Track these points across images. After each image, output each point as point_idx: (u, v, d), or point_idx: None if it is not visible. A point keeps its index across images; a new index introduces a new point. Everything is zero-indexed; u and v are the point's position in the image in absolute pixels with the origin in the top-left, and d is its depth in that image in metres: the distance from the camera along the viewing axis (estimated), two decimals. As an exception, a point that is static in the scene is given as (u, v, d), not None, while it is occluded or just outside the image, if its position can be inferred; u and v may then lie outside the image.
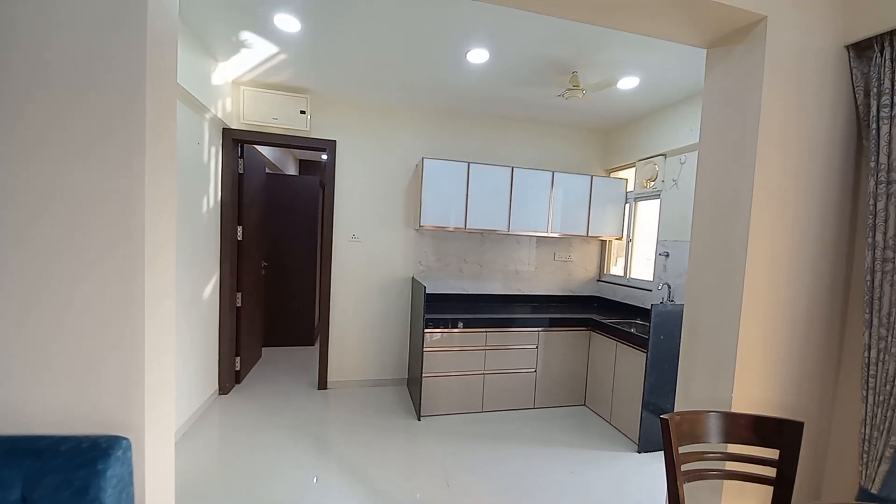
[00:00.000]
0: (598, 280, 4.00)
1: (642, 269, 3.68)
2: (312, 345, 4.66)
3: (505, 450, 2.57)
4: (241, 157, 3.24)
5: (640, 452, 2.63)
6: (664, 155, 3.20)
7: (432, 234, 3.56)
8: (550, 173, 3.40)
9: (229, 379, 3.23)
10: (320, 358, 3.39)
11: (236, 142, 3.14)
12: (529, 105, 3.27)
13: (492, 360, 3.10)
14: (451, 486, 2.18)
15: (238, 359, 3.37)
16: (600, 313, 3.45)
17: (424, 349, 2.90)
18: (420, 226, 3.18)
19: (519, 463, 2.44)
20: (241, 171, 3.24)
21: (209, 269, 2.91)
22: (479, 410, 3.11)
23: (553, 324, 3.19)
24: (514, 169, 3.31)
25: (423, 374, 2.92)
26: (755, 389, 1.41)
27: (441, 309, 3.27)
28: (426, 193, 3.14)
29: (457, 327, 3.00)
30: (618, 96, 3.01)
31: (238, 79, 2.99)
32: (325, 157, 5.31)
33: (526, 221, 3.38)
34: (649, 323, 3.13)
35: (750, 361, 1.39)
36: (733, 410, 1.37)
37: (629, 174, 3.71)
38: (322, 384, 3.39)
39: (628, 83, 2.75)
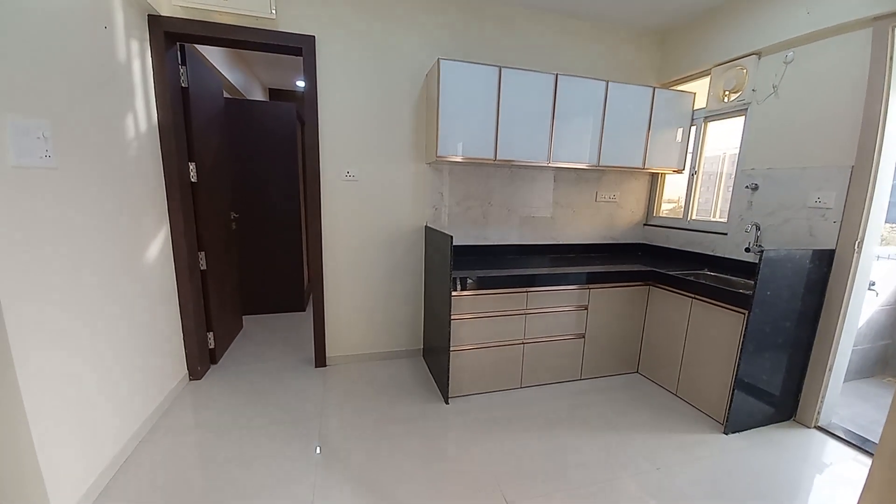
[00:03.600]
0: (646, 224, 3.33)
1: (703, 208, 3.01)
2: (304, 310, 3.97)
3: (565, 443, 2.01)
4: (184, 63, 2.31)
5: (727, 433, 2.12)
6: (758, 54, 2.40)
7: (449, 169, 2.77)
8: (604, 84, 2.58)
9: (202, 360, 2.55)
10: (315, 328, 2.71)
11: (172, 39, 2.20)
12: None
13: (533, 325, 2.47)
14: (508, 501, 1.61)
15: (211, 334, 2.67)
16: (652, 264, 2.82)
17: (452, 316, 2.24)
18: (435, 157, 2.38)
19: (587, 459, 1.88)
20: (185, 85, 2.32)
21: (150, 222, 2.11)
22: (517, 387, 2.53)
23: (604, 278, 2.55)
24: (559, 76, 2.48)
25: (451, 347, 2.28)
26: None
27: (465, 264, 2.58)
28: (444, 111, 2.31)
29: (492, 287, 2.32)
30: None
31: (161, -65, 2.00)
32: (301, 83, 4.30)
33: (569, 150, 2.61)
34: (725, 274, 2.55)
35: None
36: None
37: (696, 87, 2.91)
38: (320, 360, 2.75)
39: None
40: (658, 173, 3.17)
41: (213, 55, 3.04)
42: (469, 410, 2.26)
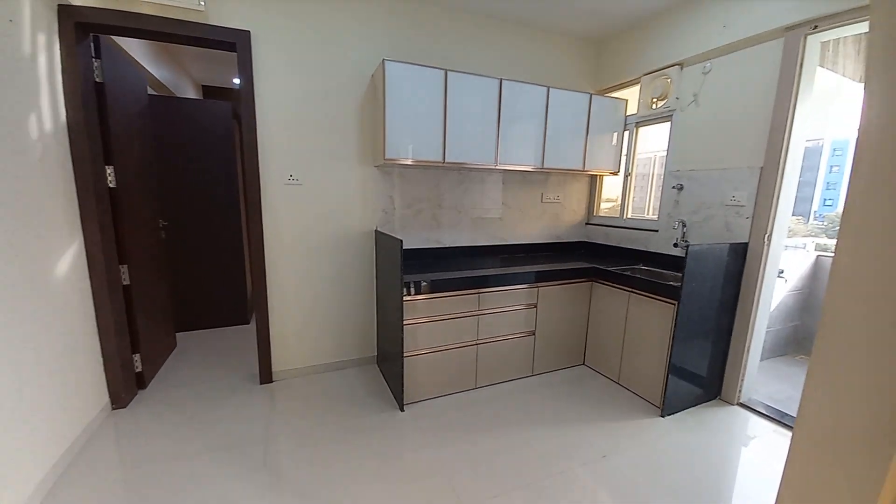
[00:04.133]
0: (587, 223, 3.51)
1: (637, 206, 3.23)
2: (248, 323, 3.74)
3: (520, 440, 2.05)
4: (98, 56, 2.08)
5: (664, 416, 2.27)
6: (680, 65, 2.62)
7: (398, 172, 2.74)
8: (545, 89, 2.68)
9: (126, 386, 2.30)
10: (259, 342, 2.55)
11: (84, 30, 1.98)
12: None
13: (486, 325, 2.50)
14: (466, 505, 1.61)
15: (137, 356, 2.42)
16: (593, 261, 2.97)
17: (404, 321, 2.21)
18: (383, 160, 2.34)
19: (541, 456, 1.93)
20: (99, 80, 2.09)
21: (59, 234, 1.87)
22: (472, 387, 2.55)
23: (550, 277, 2.64)
24: (503, 81, 2.54)
25: (405, 353, 2.25)
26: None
27: (416, 268, 2.56)
28: (390, 113, 2.28)
29: (444, 290, 2.32)
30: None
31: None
32: (238, 79, 4.04)
33: (515, 153, 2.69)
34: (658, 268, 2.75)
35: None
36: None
37: (628, 94, 3.12)
38: (265, 376, 2.59)
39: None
40: (596, 175, 3.35)
41: (136, 49, 2.77)
42: (424, 416, 2.24)
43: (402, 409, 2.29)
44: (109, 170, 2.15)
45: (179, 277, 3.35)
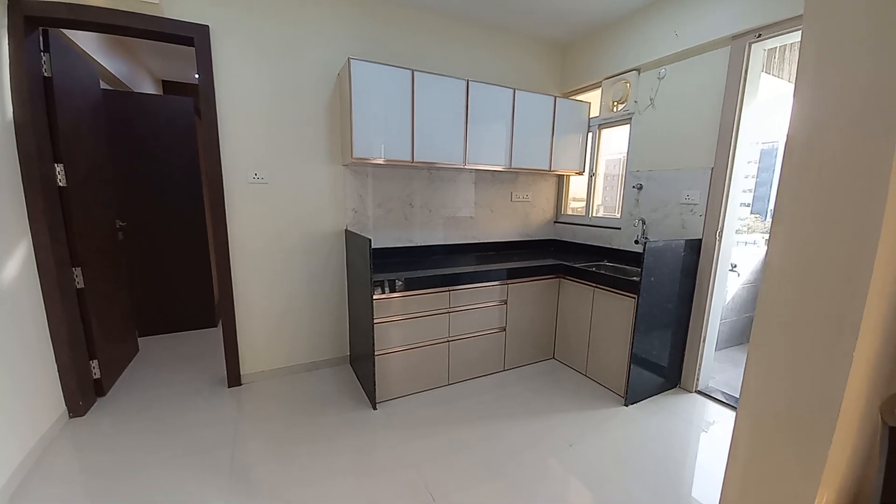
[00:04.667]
0: (556, 222, 3.61)
1: (603, 206, 3.36)
2: (216, 325, 3.63)
3: (490, 433, 2.10)
4: (46, 50, 1.98)
5: (627, 405, 2.38)
6: (638, 70, 2.75)
7: (367, 170, 2.73)
8: (511, 91, 2.75)
9: (84, 393, 2.20)
10: (226, 344, 2.50)
11: (32, 22, 1.87)
12: (487, -5, 2.50)
13: (457, 323, 2.54)
14: (436, 498, 1.64)
15: (95, 362, 2.32)
16: (562, 258, 3.07)
17: (375, 320, 2.21)
18: (351, 158, 2.34)
19: (511, 448, 1.99)
20: (47, 75, 1.99)
21: (4, 236, 1.76)
22: (445, 384, 2.58)
23: (520, 274, 2.71)
24: (470, 83, 2.58)
25: (376, 352, 2.25)
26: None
27: (388, 267, 2.56)
28: (357, 112, 2.28)
29: (415, 288, 2.34)
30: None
31: None
32: (199, 75, 3.91)
33: (483, 153, 2.74)
34: (621, 264, 2.87)
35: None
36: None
37: (591, 97, 3.23)
38: (233, 379, 2.53)
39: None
40: (563, 175, 3.46)
41: (88, 42, 2.64)
42: (397, 414, 2.26)
43: (374, 408, 2.30)
44: (59, 168, 2.05)
45: (140, 280, 3.22)
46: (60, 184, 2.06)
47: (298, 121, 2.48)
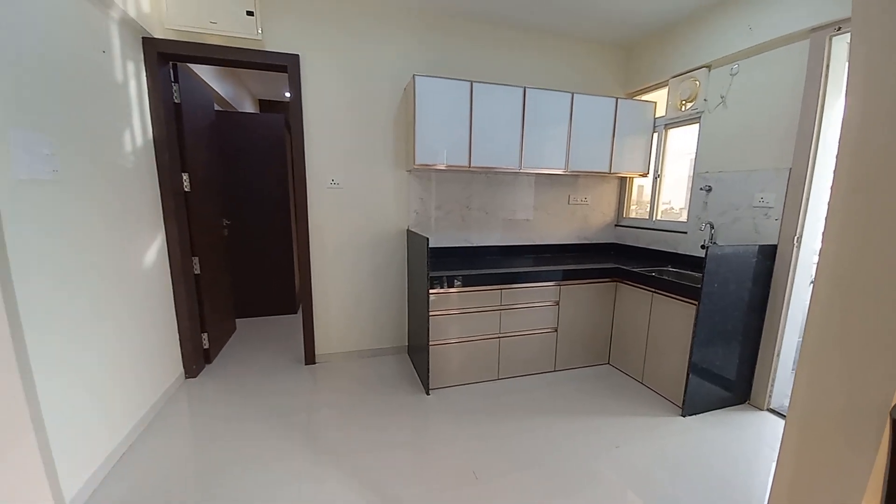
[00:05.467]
0: (617, 225, 3.53)
1: (667, 208, 3.22)
2: (295, 312, 4.13)
3: (535, 425, 2.18)
4: (176, 81, 2.48)
5: (685, 416, 2.30)
6: (708, 67, 2.62)
7: (429, 175, 2.95)
8: (569, 95, 2.78)
9: (196, 360, 2.69)
10: (304, 328, 2.87)
11: (164, 59, 2.37)
12: (542, 4, 2.58)
13: (508, 320, 2.65)
14: (479, 478, 1.78)
15: (205, 335, 2.81)
16: (622, 262, 3.01)
17: (430, 313, 2.41)
18: (414, 165, 2.56)
19: (555, 441, 2.05)
20: (177, 101, 2.49)
21: (148, 229, 2.26)
22: (494, 378, 2.70)
23: (574, 276, 2.73)
24: (527, 90, 2.67)
25: (430, 343, 2.45)
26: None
27: (445, 265, 2.75)
28: (420, 123, 2.50)
29: (468, 285, 2.50)
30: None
31: (155, -35, 2.17)
32: (289, 94, 4.47)
33: (540, 157, 2.81)
34: (686, 270, 2.75)
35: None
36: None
37: (657, 96, 3.13)
38: (309, 358, 2.90)
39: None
40: (625, 177, 3.37)
41: (204, 70, 3.21)
42: (448, 401, 2.43)
43: (427, 394, 2.49)
44: (185, 176, 2.55)
45: (237, 270, 3.79)
46: (185, 189, 2.56)
47: (369, 131, 2.77)
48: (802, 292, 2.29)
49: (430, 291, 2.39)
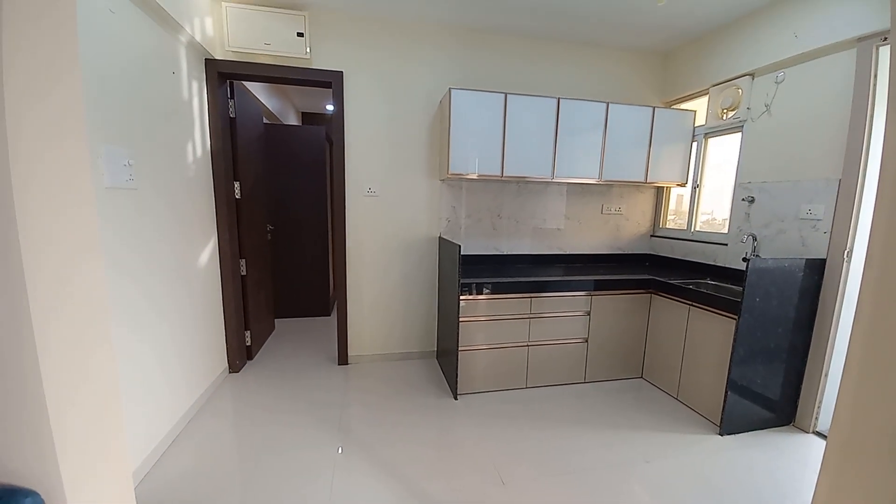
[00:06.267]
0: (652, 235, 3.45)
1: (707, 219, 3.12)
2: (329, 315, 4.30)
3: (564, 435, 2.18)
4: (232, 97, 2.70)
5: (722, 435, 2.21)
6: (751, 75, 2.55)
7: (461, 184, 3.03)
8: (604, 105, 2.78)
9: (240, 355, 2.88)
10: (338, 330, 3.00)
11: (223, 77, 2.59)
12: (574, 16, 2.61)
13: (537, 329, 2.65)
14: (506, 483, 1.80)
15: (248, 333, 3.00)
16: (658, 273, 2.94)
17: (460, 319, 2.46)
18: (447, 174, 2.65)
19: (583, 452, 2.04)
20: (232, 115, 2.71)
21: (203, 233, 2.47)
22: (522, 387, 2.71)
23: (606, 286, 2.70)
24: (561, 100, 2.70)
25: (459, 348, 2.50)
26: None
27: (475, 272, 2.80)
28: (455, 133, 2.58)
29: (498, 293, 2.54)
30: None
31: (218, -7, 2.40)
32: (330, 107, 4.71)
33: (573, 166, 2.81)
34: (726, 283, 2.66)
35: None
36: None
37: (697, 105, 3.06)
38: (342, 359, 3.03)
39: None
40: (662, 187, 3.31)
41: (255, 86, 3.46)
42: (475, 405, 2.46)
43: (455, 398, 2.54)
44: (236, 185, 2.76)
45: (278, 273, 4.00)
46: (237, 196, 2.77)
47: (404, 142, 2.89)
48: (853, 310, 2.15)
49: (461, 297, 2.45)
